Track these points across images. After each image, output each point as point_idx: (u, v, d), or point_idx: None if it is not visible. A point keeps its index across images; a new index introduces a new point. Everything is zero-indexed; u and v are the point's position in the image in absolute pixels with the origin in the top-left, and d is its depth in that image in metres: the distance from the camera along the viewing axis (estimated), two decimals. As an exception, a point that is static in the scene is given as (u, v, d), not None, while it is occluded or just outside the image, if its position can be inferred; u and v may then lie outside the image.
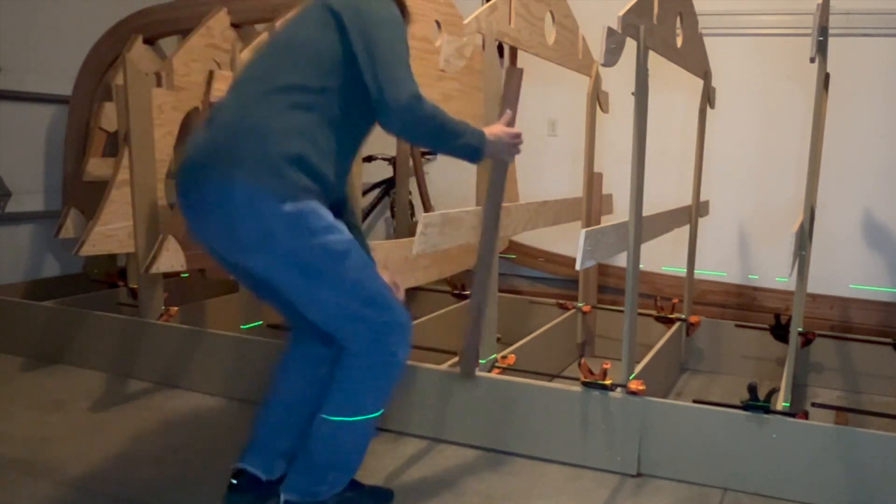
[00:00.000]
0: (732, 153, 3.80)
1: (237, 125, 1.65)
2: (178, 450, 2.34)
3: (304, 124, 1.66)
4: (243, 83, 1.76)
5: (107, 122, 3.58)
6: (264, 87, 1.69)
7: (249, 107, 1.67)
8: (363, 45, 1.69)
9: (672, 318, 3.19)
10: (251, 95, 1.69)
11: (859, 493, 2.01)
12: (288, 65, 1.71)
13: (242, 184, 1.59)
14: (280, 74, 1.69)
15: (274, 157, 1.60)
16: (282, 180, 1.60)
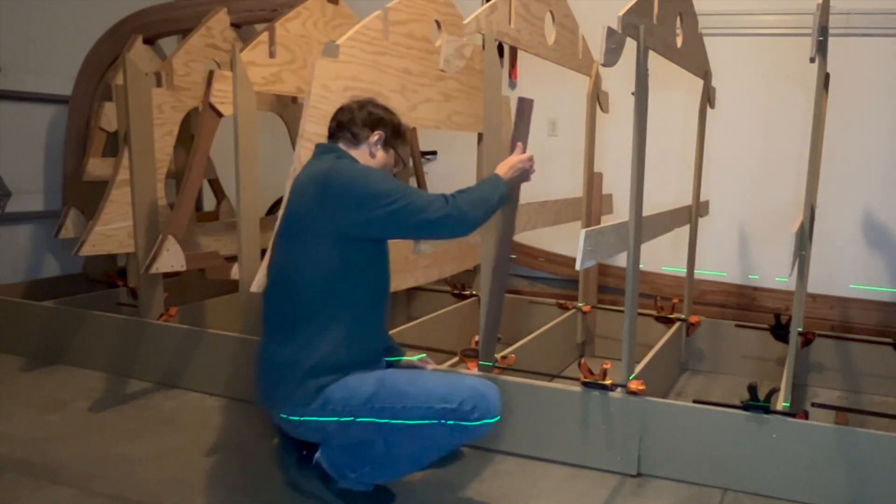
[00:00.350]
0: (732, 153, 3.80)
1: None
2: (178, 450, 2.34)
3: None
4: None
5: (106, 122, 3.58)
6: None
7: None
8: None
9: (672, 318, 3.19)
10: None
11: (859, 493, 2.01)
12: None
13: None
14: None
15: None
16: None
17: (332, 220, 1.83)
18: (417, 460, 1.93)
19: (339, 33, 2.97)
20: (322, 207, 1.83)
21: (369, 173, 1.89)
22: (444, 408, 1.79)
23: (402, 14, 2.52)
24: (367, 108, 2.01)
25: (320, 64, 2.26)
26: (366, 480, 1.95)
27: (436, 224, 1.85)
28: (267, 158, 3.75)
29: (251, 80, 2.70)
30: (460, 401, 1.79)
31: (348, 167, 1.90)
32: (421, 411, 1.80)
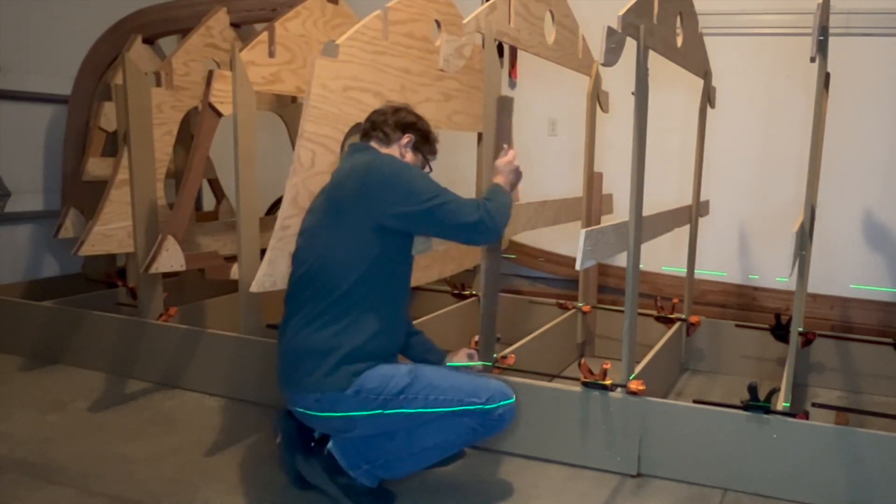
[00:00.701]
0: (732, 153, 3.80)
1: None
2: (177, 450, 2.34)
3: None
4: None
5: (106, 122, 3.58)
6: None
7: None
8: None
9: (672, 318, 3.19)
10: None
11: (859, 494, 2.01)
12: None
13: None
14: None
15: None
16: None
17: (372, 211, 1.89)
18: (432, 455, 1.97)
19: (338, 33, 2.97)
20: (364, 197, 1.90)
21: (410, 169, 1.98)
22: (472, 401, 1.89)
23: (401, 14, 2.52)
24: (400, 113, 2.13)
25: (320, 63, 2.26)
26: (376, 473, 1.96)
27: (471, 228, 1.94)
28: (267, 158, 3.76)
29: (251, 79, 2.70)
30: (487, 397, 1.90)
31: (390, 160, 1.99)
32: (451, 404, 1.88)
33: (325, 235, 1.95)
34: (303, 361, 1.91)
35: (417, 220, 1.91)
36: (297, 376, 1.91)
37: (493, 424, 1.93)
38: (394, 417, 1.88)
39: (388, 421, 1.89)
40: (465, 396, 1.89)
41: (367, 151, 2.06)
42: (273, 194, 4.26)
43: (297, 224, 2.29)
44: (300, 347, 1.92)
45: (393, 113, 2.12)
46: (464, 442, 1.98)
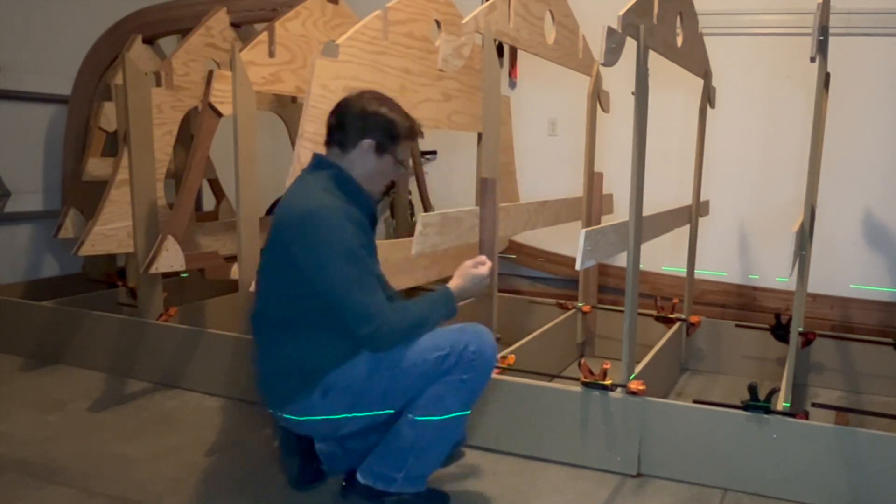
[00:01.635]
0: (732, 153, 3.80)
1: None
2: (177, 450, 2.34)
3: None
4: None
5: (106, 122, 3.57)
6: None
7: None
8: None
9: (672, 318, 3.19)
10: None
11: (859, 494, 2.01)
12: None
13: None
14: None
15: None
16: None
17: (294, 260, 1.82)
18: (449, 431, 1.90)
19: (338, 33, 2.97)
20: (289, 247, 1.82)
21: (338, 244, 1.78)
22: (437, 356, 1.83)
23: (401, 14, 2.52)
24: (357, 108, 1.92)
25: (320, 63, 2.25)
26: (415, 474, 1.92)
27: (359, 337, 1.80)
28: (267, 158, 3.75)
29: (251, 79, 2.70)
30: (451, 344, 1.84)
31: (325, 221, 1.79)
32: (418, 367, 1.83)
33: (268, 273, 1.94)
34: (271, 382, 1.93)
35: (317, 295, 1.80)
36: (270, 396, 1.93)
37: (474, 366, 1.85)
38: (372, 403, 1.86)
39: (369, 407, 1.86)
40: (428, 354, 1.83)
41: (323, 171, 1.92)
42: (273, 194, 4.25)
43: (296, 224, 2.29)
44: (265, 370, 1.94)
45: (349, 111, 1.92)
46: (464, 399, 1.87)
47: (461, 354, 1.84)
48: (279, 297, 1.89)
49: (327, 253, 1.78)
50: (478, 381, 1.89)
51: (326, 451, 2.05)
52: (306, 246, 1.79)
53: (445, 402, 1.86)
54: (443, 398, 1.86)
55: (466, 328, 1.90)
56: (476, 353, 1.85)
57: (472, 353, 1.85)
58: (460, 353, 1.84)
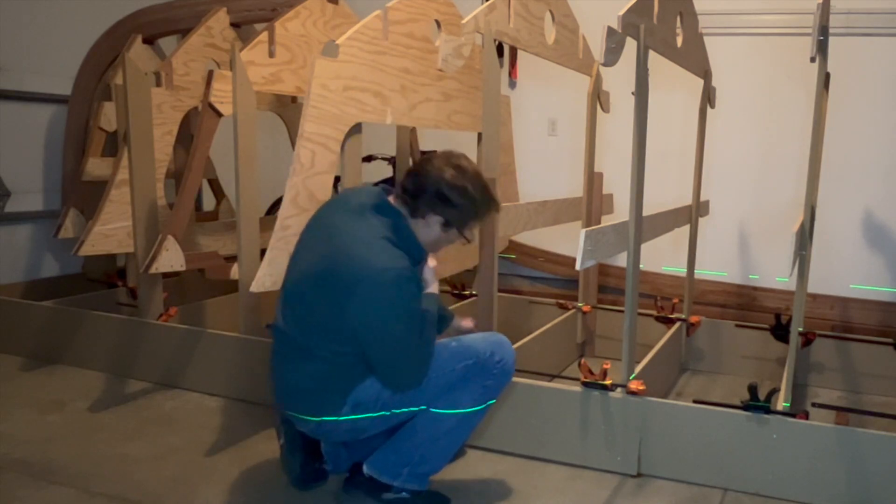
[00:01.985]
0: (732, 153, 3.80)
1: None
2: (177, 450, 2.34)
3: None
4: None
5: (106, 122, 3.58)
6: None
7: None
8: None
9: (672, 318, 3.19)
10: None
11: (859, 494, 2.01)
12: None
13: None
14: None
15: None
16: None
17: (343, 310, 1.76)
18: (461, 431, 1.93)
19: (338, 33, 2.97)
20: (343, 297, 1.74)
21: (398, 307, 1.74)
22: (465, 365, 1.88)
23: (401, 14, 2.52)
24: (434, 183, 1.83)
25: (320, 63, 2.25)
26: (419, 472, 1.94)
27: (394, 385, 1.85)
28: (267, 158, 3.76)
29: (251, 79, 2.70)
30: (477, 354, 1.90)
31: (386, 283, 1.72)
32: (446, 376, 1.87)
33: (308, 302, 1.86)
34: (295, 395, 1.92)
35: (362, 344, 1.79)
36: (295, 406, 1.93)
37: (496, 374, 1.91)
38: (399, 413, 1.89)
39: (396, 417, 1.90)
40: (456, 363, 1.88)
41: (386, 218, 1.83)
42: (273, 194, 4.26)
43: (297, 224, 2.29)
44: (294, 383, 1.91)
45: (429, 181, 1.83)
46: (478, 407, 1.92)
47: (486, 362, 1.91)
48: (312, 331, 1.84)
49: (385, 315, 1.74)
50: (497, 388, 1.95)
51: (331, 450, 2.05)
52: (364, 303, 1.72)
53: (462, 400, 1.90)
54: (460, 397, 1.90)
55: (490, 338, 1.97)
56: (500, 362, 1.92)
57: (496, 363, 1.92)
58: (486, 362, 1.91)
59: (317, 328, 1.84)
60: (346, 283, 1.73)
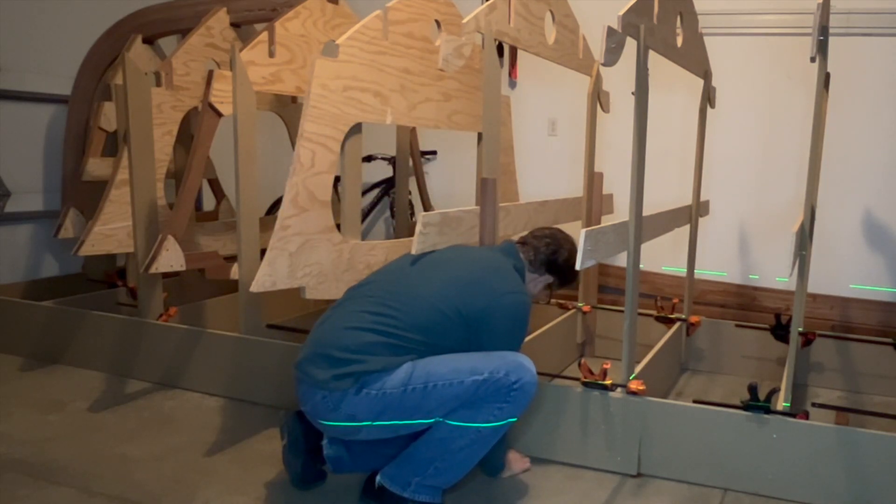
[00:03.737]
0: (732, 153, 3.80)
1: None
2: (177, 450, 2.34)
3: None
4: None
5: (106, 122, 3.57)
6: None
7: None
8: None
9: (672, 318, 3.19)
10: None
11: (859, 493, 2.01)
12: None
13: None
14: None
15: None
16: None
17: (473, 320, 1.96)
18: (476, 450, 1.90)
19: (338, 33, 2.97)
20: (479, 310, 1.96)
21: (523, 327, 2.08)
22: (474, 380, 1.85)
23: (401, 14, 2.52)
24: (565, 259, 2.23)
25: (320, 63, 2.26)
26: (430, 484, 1.91)
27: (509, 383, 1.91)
28: (267, 158, 3.77)
29: (251, 79, 2.70)
30: (490, 370, 1.86)
31: (521, 308, 2.06)
32: (453, 388, 1.84)
33: (423, 297, 1.96)
34: (326, 355, 1.89)
35: (489, 345, 1.96)
36: (314, 366, 1.90)
37: (513, 397, 1.87)
38: (399, 414, 1.85)
39: (393, 417, 1.86)
40: (465, 376, 1.84)
41: (510, 259, 2.17)
42: (273, 194, 4.27)
43: (297, 224, 2.29)
44: (331, 340, 1.91)
45: (559, 256, 2.22)
46: (496, 423, 1.88)
47: (500, 382, 1.86)
48: (418, 319, 1.92)
49: (516, 339, 2.06)
50: (514, 411, 1.91)
51: (333, 455, 2.04)
52: (506, 326, 2.00)
53: (478, 419, 1.87)
54: (475, 417, 1.87)
55: (508, 356, 1.92)
56: (517, 385, 1.88)
57: (512, 384, 1.87)
58: (499, 381, 1.86)
59: (426, 321, 1.92)
60: (491, 306, 1.98)
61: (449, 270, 2.05)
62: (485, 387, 1.85)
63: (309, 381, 1.89)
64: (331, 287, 2.44)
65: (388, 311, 1.92)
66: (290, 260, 2.29)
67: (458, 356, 1.91)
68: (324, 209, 2.38)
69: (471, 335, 1.96)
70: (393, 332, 1.89)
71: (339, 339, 1.90)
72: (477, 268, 2.06)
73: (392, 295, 1.97)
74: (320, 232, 2.39)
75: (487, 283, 2.00)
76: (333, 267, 2.45)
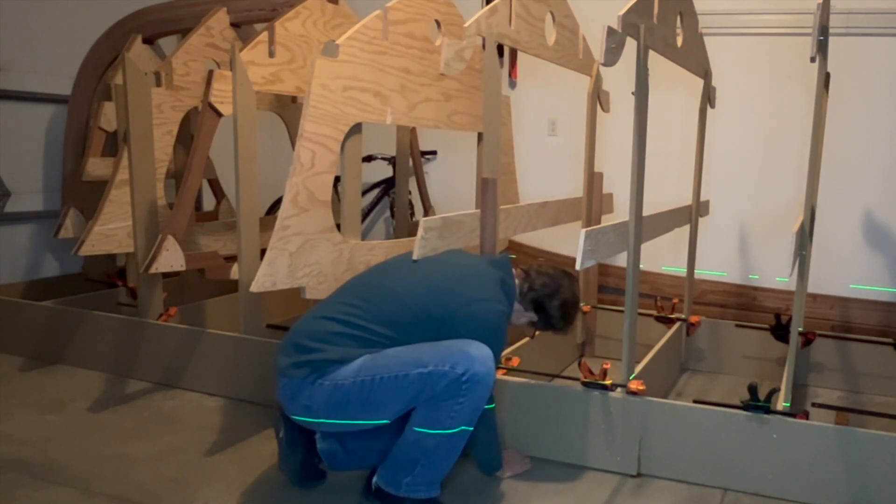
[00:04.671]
0: (732, 153, 3.80)
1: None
2: (177, 450, 2.34)
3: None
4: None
5: (106, 122, 3.57)
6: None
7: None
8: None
9: (672, 318, 3.19)
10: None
11: (859, 493, 2.01)
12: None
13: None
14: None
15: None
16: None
17: (441, 324, 1.94)
18: (453, 442, 1.88)
19: (338, 33, 2.97)
20: (447, 314, 1.94)
21: (494, 336, 1.98)
22: (419, 373, 1.82)
23: (401, 14, 2.52)
24: (560, 303, 2.16)
25: (320, 63, 2.26)
26: (421, 481, 1.91)
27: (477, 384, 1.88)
28: (267, 158, 3.76)
29: (251, 79, 2.70)
30: (435, 363, 1.83)
31: (492, 318, 2.00)
32: (399, 381, 1.83)
33: (395, 293, 1.98)
34: (294, 343, 1.93)
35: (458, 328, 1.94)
36: (281, 358, 1.94)
37: (468, 388, 1.82)
38: (351, 412, 1.86)
39: (347, 416, 1.87)
40: (409, 368, 1.83)
41: (498, 272, 2.12)
42: (273, 194, 4.27)
43: (297, 224, 2.29)
44: (302, 328, 1.95)
45: (557, 298, 2.16)
46: (465, 418, 1.86)
47: (447, 376, 1.82)
48: (384, 316, 1.93)
49: (496, 334, 2.00)
50: (476, 402, 1.86)
51: (327, 450, 2.04)
52: (473, 334, 1.92)
53: (445, 422, 1.85)
54: (441, 419, 1.85)
55: (455, 346, 1.86)
56: (465, 377, 1.82)
57: (460, 377, 1.82)
58: (445, 375, 1.82)
59: (392, 314, 1.93)
60: (463, 312, 1.95)
61: (427, 271, 2.06)
62: (432, 381, 1.81)
63: (276, 369, 1.95)
64: (331, 287, 2.44)
65: (358, 301, 1.96)
66: (290, 260, 2.29)
67: (409, 348, 1.90)
68: (324, 209, 2.38)
69: (442, 337, 1.93)
70: (358, 322, 1.92)
71: (307, 328, 1.95)
72: (455, 272, 2.07)
73: (366, 288, 2.02)
74: (320, 232, 2.39)
75: (459, 289, 2.00)
76: (333, 267, 2.45)
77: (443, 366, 1.82)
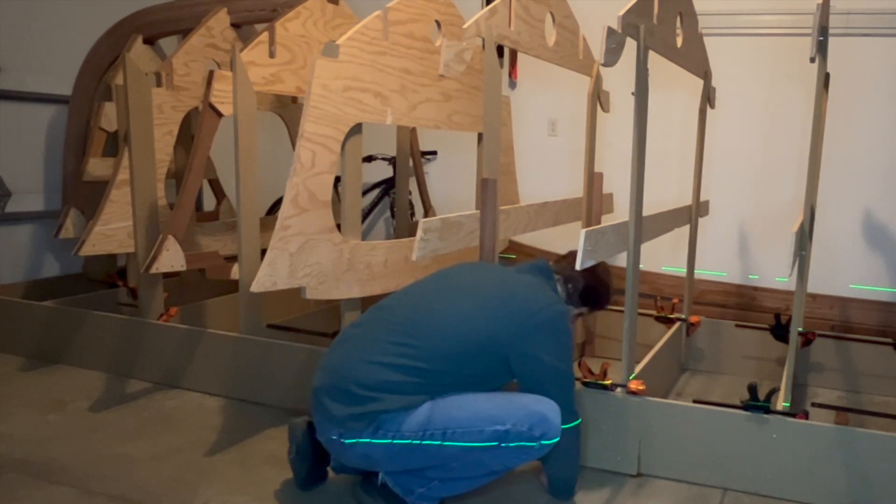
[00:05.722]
0: (732, 153, 3.80)
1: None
2: (177, 450, 2.34)
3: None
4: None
5: (106, 122, 3.58)
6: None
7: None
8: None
9: (672, 318, 3.19)
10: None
11: (859, 493, 2.01)
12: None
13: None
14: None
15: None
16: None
17: (512, 344, 1.88)
18: (483, 477, 1.90)
19: (339, 33, 2.97)
20: (516, 336, 1.88)
21: (567, 341, 1.98)
22: (495, 430, 1.80)
23: (401, 14, 2.52)
24: (592, 284, 2.22)
25: (320, 64, 2.26)
26: (434, 495, 1.90)
27: (564, 416, 1.90)
28: (267, 158, 3.76)
29: (251, 79, 2.70)
30: (514, 422, 1.81)
31: (560, 321, 1.96)
32: (471, 436, 1.80)
33: (449, 325, 1.88)
34: (344, 390, 1.83)
35: (537, 372, 1.90)
36: (331, 403, 1.84)
37: (531, 449, 1.83)
38: (412, 456, 1.81)
39: (408, 459, 1.83)
40: (485, 424, 1.79)
41: (542, 278, 2.10)
42: (273, 194, 4.27)
43: (297, 224, 2.29)
44: (350, 372, 1.84)
45: (588, 280, 2.19)
46: (507, 465, 1.89)
47: (522, 436, 1.82)
48: (443, 353, 1.84)
49: (563, 356, 1.95)
50: (527, 457, 1.88)
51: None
52: (548, 346, 1.91)
53: (491, 464, 1.86)
54: (489, 461, 1.85)
55: (531, 405, 1.85)
56: (540, 438, 1.83)
57: (537, 439, 1.83)
58: (521, 435, 1.81)
59: (450, 350, 1.84)
60: (527, 312, 1.91)
61: (476, 297, 1.96)
62: (508, 439, 1.81)
63: (324, 413, 1.85)
64: (331, 287, 2.44)
65: (408, 339, 1.85)
66: (290, 260, 2.29)
67: (479, 398, 1.85)
68: (324, 209, 2.38)
69: (510, 361, 1.88)
70: (415, 365, 1.82)
71: (358, 374, 1.82)
72: (506, 291, 1.97)
73: (414, 323, 1.90)
74: (321, 232, 2.39)
75: (519, 305, 1.92)
76: (334, 267, 2.45)
77: (521, 426, 1.81)
